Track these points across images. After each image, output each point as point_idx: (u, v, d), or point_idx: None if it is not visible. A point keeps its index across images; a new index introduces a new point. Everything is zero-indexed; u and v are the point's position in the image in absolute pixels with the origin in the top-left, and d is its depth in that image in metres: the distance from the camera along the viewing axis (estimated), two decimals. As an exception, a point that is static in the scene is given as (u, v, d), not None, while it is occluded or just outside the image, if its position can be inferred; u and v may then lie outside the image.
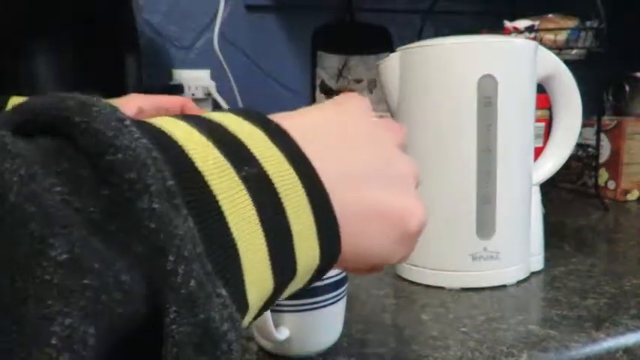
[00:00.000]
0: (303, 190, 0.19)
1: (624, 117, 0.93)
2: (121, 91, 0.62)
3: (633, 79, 0.95)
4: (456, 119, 0.50)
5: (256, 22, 0.98)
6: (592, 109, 0.82)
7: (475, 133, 0.50)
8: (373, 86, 1.03)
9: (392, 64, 0.53)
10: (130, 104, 0.55)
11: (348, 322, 0.44)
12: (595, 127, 0.87)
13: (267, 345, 0.40)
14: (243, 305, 0.17)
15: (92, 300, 0.13)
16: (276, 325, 0.37)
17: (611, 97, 0.99)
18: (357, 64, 1.02)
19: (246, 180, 0.17)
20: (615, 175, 0.92)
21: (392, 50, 0.55)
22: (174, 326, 0.14)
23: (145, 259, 0.14)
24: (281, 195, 0.18)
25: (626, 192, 0.92)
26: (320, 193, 0.20)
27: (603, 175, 0.93)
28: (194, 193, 0.16)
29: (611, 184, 0.92)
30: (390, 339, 0.42)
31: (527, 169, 0.54)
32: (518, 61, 0.51)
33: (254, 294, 0.18)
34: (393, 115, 0.56)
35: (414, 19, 1.05)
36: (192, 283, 0.14)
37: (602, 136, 0.90)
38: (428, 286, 0.53)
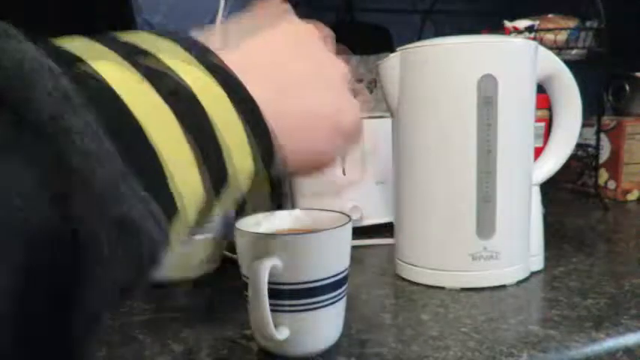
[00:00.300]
0: (230, 100, 0.20)
1: (624, 117, 0.93)
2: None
3: (633, 79, 0.95)
4: (456, 119, 0.50)
5: (256, 22, 0.98)
6: (592, 109, 0.82)
7: (475, 133, 0.50)
8: (373, 86, 1.03)
9: (392, 64, 0.53)
10: None
11: (348, 322, 0.44)
12: (595, 127, 0.87)
13: (267, 345, 0.40)
14: (170, 208, 0.17)
15: (3, 208, 0.12)
16: (276, 325, 0.37)
17: (611, 97, 0.99)
18: (357, 64, 1.02)
19: (167, 95, 0.18)
20: (615, 175, 0.92)
21: (392, 50, 0.55)
22: (90, 223, 0.14)
23: (52, 160, 0.13)
24: (206, 108, 0.19)
25: (626, 192, 0.92)
26: (248, 102, 0.20)
27: (603, 175, 0.93)
28: (111, 110, 0.16)
29: (611, 184, 0.92)
30: (390, 339, 0.42)
31: (527, 169, 0.54)
32: (518, 61, 0.51)
33: (184, 199, 0.18)
34: (393, 115, 0.56)
35: (414, 19, 1.05)
36: (100, 178, 0.14)
37: (602, 136, 0.90)
38: (428, 286, 0.53)
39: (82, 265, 0.14)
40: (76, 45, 0.17)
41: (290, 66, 0.24)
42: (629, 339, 0.41)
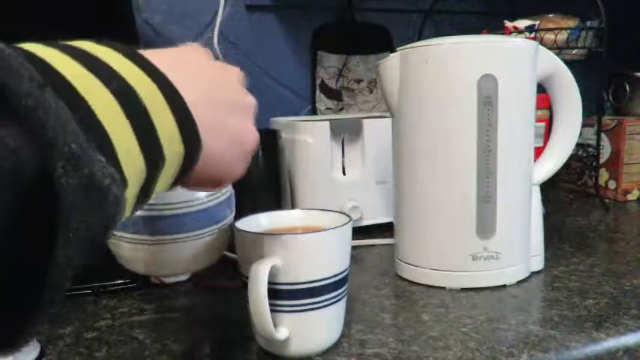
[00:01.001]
0: (161, 92, 0.23)
1: (624, 117, 0.93)
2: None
3: (633, 79, 0.95)
4: (456, 119, 0.50)
5: (256, 22, 0.98)
6: (592, 109, 0.82)
7: (475, 133, 0.50)
8: (373, 86, 1.03)
9: (392, 64, 0.53)
10: None
11: (348, 322, 0.44)
12: (595, 127, 0.87)
13: (267, 345, 0.40)
14: (121, 178, 0.20)
15: None
16: (276, 325, 0.37)
17: (611, 97, 0.99)
18: (357, 64, 1.02)
19: (110, 86, 0.21)
20: (615, 175, 0.92)
21: (392, 50, 0.55)
22: (62, 179, 0.16)
23: (28, 129, 0.16)
24: (141, 96, 0.22)
25: (626, 192, 0.92)
26: (176, 97, 0.24)
27: (603, 175, 0.93)
28: (62, 91, 0.18)
29: (612, 184, 0.92)
30: (390, 339, 0.42)
31: (527, 169, 0.54)
32: (518, 61, 0.51)
33: (129, 170, 0.20)
34: (393, 115, 0.56)
35: (414, 19, 1.05)
36: (73, 145, 0.17)
37: (602, 136, 0.90)
38: (428, 286, 0.53)
39: (57, 215, 0.17)
40: (28, 45, 0.20)
41: (213, 87, 0.28)
42: (629, 339, 0.41)
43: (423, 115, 0.52)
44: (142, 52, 0.24)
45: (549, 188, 0.99)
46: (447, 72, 0.50)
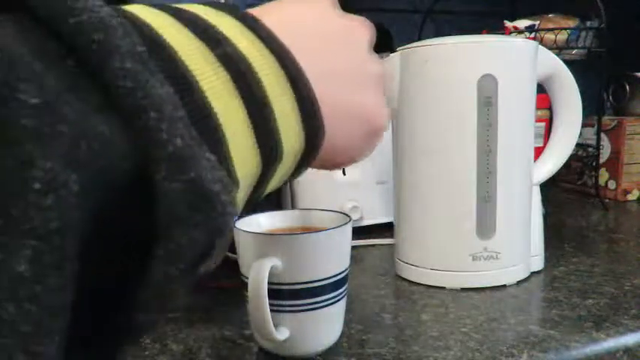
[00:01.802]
0: (283, 71, 0.19)
1: (624, 117, 0.93)
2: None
3: (633, 79, 0.95)
4: (456, 119, 0.50)
5: (256, 22, 0.98)
6: (592, 109, 0.82)
7: (475, 133, 0.50)
8: (373, 86, 1.02)
9: (392, 64, 0.53)
10: None
11: (348, 322, 0.44)
12: (595, 127, 0.87)
13: (267, 345, 0.40)
14: (232, 178, 0.17)
15: (71, 147, 0.12)
16: (276, 325, 0.37)
17: (611, 97, 0.99)
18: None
19: (222, 58, 0.17)
20: (615, 175, 0.91)
21: (392, 50, 0.55)
22: (166, 183, 0.14)
23: (124, 116, 0.13)
24: (260, 75, 0.18)
25: (626, 192, 0.92)
26: (300, 77, 0.20)
27: (603, 175, 0.93)
28: (168, 67, 0.15)
29: (611, 184, 0.92)
30: (390, 339, 0.42)
31: (527, 169, 0.54)
32: (518, 61, 0.51)
33: (241, 170, 0.17)
34: (393, 115, 0.56)
35: (414, 18, 1.05)
36: (179, 141, 0.14)
37: (602, 136, 0.90)
38: (428, 286, 0.53)
39: (156, 220, 0.14)
40: (140, 10, 0.17)
41: (337, 56, 0.23)
42: (629, 339, 0.41)
43: (423, 115, 0.52)
44: (252, 11, 0.20)
45: (549, 188, 0.99)
46: (447, 72, 0.50)
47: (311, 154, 0.21)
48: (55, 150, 0.12)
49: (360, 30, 0.26)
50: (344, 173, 0.72)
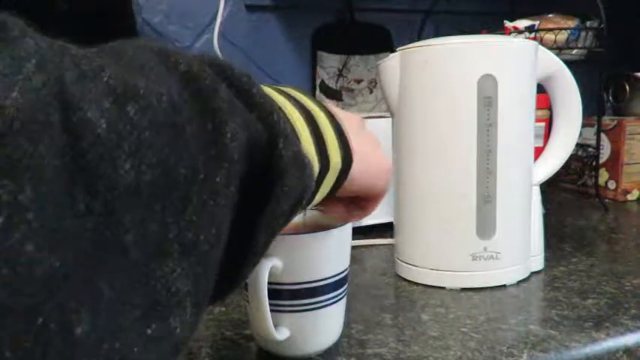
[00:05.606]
0: (334, 130, 0.30)
1: (624, 117, 0.93)
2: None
3: (633, 79, 0.95)
4: (456, 119, 0.50)
5: (256, 22, 0.98)
6: (592, 109, 0.82)
7: (475, 133, 0.50)
8: (373, 86, 1.02)
9: (392, 64, 0.53)
10: None
11: (348, 322, 0.44)
12: (595, 127, 0.87)
13: (267, 345, 0.40)
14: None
15: (243, 123, 0.22)
16: (276, 325, 0.37)
17: (611, 97, 0.99)
18: (357, 64, 1.02)
19: (301, 113, 0.29)
20: (615, 175, 0.92)
21: (392, 50, 0.55)
22: (283, 150, 0.23)
23: (263, 117, 0.23)
24: (321, 126, 0.29)
25: (626, 192, 0.92)
26: (345, 142, 0.31)
27: (603, 175, 0.93)
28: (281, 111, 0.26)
29: (611, 184, 0.92)
30: (390, 339, 0.42)
31: (527, 169, 0.54)
32: (518, 61, 0.51)
33: (314, 167, 0.27)
34: (393, 115, 0.56)
35: (414, 19, 1.05)
36: (287, 129, 0.24)
37: (602, 136, 0.90)
38: (428, 286, 0.53)
39: (275, 176, 0.23)
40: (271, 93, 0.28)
41: (366, 142, 0.35)
42: (629, 339, 0.41)
43: (423, 115, 0.52)
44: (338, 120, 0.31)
45: (549, 188, 0.99)
46: (447, 72, 0.50)
47: (343, 174, 0.31)
48: (236, 120, 0.21)
49: (376, 142, 0.37)
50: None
